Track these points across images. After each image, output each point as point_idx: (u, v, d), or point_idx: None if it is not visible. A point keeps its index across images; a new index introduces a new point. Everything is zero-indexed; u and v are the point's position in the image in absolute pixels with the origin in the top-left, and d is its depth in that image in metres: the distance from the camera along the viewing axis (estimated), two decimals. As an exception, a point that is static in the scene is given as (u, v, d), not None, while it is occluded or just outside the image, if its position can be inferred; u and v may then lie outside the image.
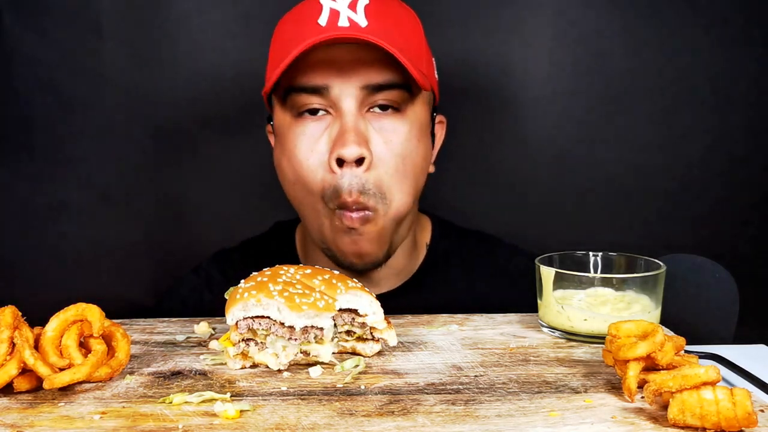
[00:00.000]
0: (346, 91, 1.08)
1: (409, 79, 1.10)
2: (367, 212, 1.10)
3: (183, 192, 1.73)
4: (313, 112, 1.11)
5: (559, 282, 0.97)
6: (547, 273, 0.97)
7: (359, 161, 1.08)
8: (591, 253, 1.05)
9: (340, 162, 1.08)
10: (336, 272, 0.93)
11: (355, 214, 1.09)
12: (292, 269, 0.92)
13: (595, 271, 1.04)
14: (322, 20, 1.07)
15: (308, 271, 0.92)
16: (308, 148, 1.11)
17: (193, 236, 1.59)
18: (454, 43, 1.66)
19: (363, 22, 1.06)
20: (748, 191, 1.73)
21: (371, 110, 1.11)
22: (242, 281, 0.90)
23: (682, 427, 0.68)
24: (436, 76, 1.23)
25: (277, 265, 0.94)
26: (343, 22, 1.06)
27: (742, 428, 0.67)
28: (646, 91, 1.70)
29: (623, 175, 1.73)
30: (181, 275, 1.39)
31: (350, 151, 1.06)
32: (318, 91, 1.09)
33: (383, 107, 1.11)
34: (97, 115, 1.68)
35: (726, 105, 1.70)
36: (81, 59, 1.66)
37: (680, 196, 1.73)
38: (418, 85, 1.09)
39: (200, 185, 1.73)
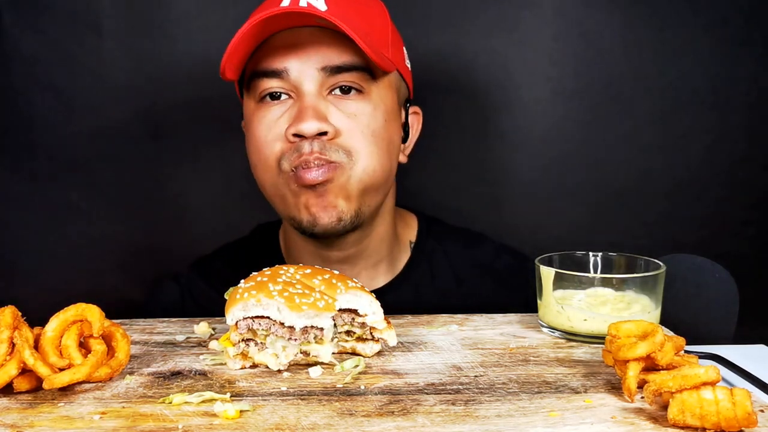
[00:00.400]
0: (306, 73, 1.09)
1: (370, 61, 1.10)
2: (330, 165, 1.09)
3: (183, 192, 1.73)
4: (275, 96, 1.12)
5: (559, 282, 0.97)
6: (547, 273, 0.97)
7: (320, 135, 1.08)
8: (591, 253, 1.05)
9: (299, 138, 1.08)
10: (336, 272, 0.93)
11: (316, 170, 1.08)
12: (291, 269, 0.92)
13: (595, 271, 1.04)
14: (284, 3, 1.07)
15: (308, 270, 0.92)
16: (267, 126, 1.12)
17: (193, 236, 1.59)
18: (454, 42, 1.66)
19: (322, 6, 1.07)
20: (748, 191, 1.73)
21: (333, 92, 1.11)
22: (242, 281, 0.90)
23: (682, 427, 0.68)
24: (408, 66, 1.23)
25: (276, 265, 0.94)
26: (302, 4, 1.06)
27: (742, 428, 0.67)
28: (646, 91, 1.70)
29: (623, 175, 1.73)
30: (160, 280, 1.37)
31: (308, 126, 1.07)
32: (278, 74, 1.10)
33: (345, 90, 1.11)
34: (97, 115, 1.68)
35: (726, 105, 1.70)
36: (81, 59, 1.66)
37: (680, 197, 1.73)
38: (379, 67, 1.09)
39: (200, 185, 1.73)
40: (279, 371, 0.86)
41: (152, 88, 1.68)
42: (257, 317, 0.85)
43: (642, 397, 0.75)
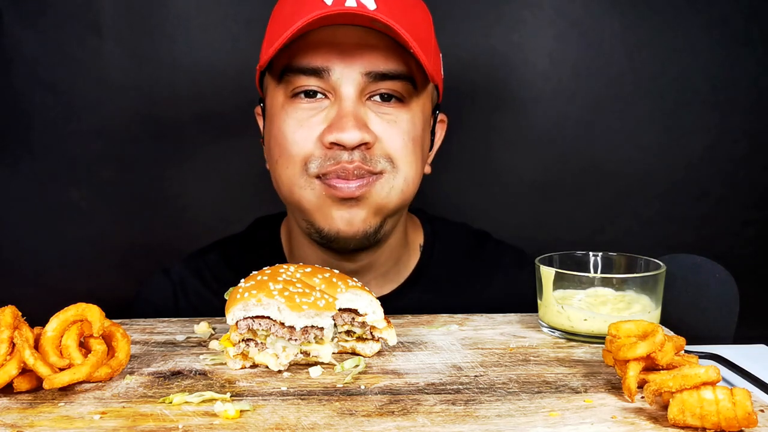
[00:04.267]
0: (348, 76, 1.03)
1: (415, 71, 1.05)
2: (370, 177, 1.04)
3: (183, 191, 1.73)
4: (310, 94, 1.06)
5: (559, 282, 0.97)
6: (547, 273, 0.97)
7: (359, 146, 1.03)
8: (591, 253, 1.05)
9: (337, 146, 1.03)
10: (336, 271, 0.93)
11: (353, 183, 1.03)
12: (292, 268, 0.91)
13: (595, 271, 1.04)
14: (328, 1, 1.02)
15: (308, 269, 0.92)
16: (298, 124, 1.05)
17: (193, 236, 1.59)
18: (454, 42, 1.66)
19: (371, 4, 1.01)
20: (748, 191, 1.73)
21: (372, 98, 1.06)
22: (242, 280, 0.90)
23: (682, 427, 0.68)
24: (443, 73, 1.18)
25: (276, 264, 0.94)
26: (350, 2, 1.01)
27: (742, 428, 0.67)
28: (646, 91, 1.70)
29: (623, 175, 1.73)
30: (149, 277, 1.32)
31: (350, 136, 1.01)
32: (318, 72, 1.04)
33: (385, 97, 1.06)
34: (97, 115, 1.69)
35: (726, 105, 1.70)
36: (81, 59, 1.66)
37: (680, 196, 1.74)
38: (425, 77, 1.04)
39: (200, 185, 1.73)
40: (279, 371, 0.86)
41: (152, 88, 1.68)
42: (257, 317, 0.85)
43: (642, 397, 0.75)
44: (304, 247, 1.20)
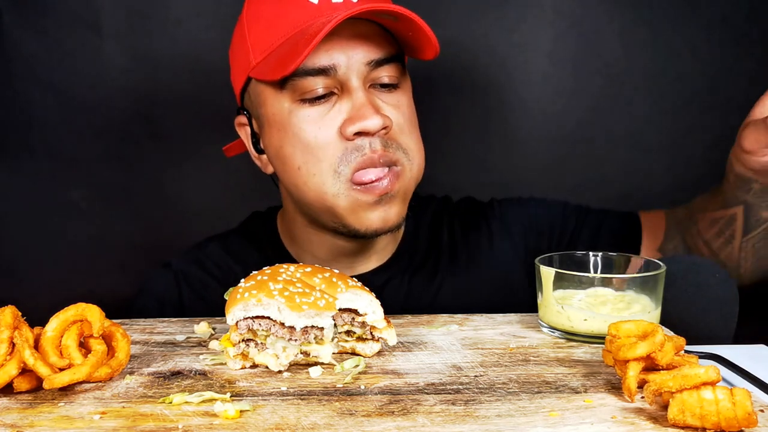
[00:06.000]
0: (353, 68, 1.05)
1: (401, 52, 1.08)
2: (395, 167, 1.07)
3: (183, 191, 1.73)
4: (319, 95, 1.06)
5: (559, 282, 0.97)
6: (547, 273, 0.97)
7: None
8: (591, 253, 1.05)
9: (360, 135, 1.05)
10: (336, 271, 0.93)
11: (385, 180, 1.05)
12: (292, 267, 0.92)
13: (595, 271, 1.04)
14: None
15: (308, 269, 0.92)
16: (316, 126, 1.06)
17: (193, 236, 1.59)
18: (454, 41, 1.66)
19: None
20: (748, 191, 1.73)
21: (372, 87, 1.09)
22: (242, 280, 0.90)
23: (682, 427, 0.68)
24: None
25: (276, 264, 0.94)
26: None
27: (742, 428, 0.67)
28: (646, 91, 1.70)
29: (623, 175, 1.73)
30: (150, 272, 1.33)
31: (373, 122, 1.03)
32: (325, 71, 1.04)
33: (383, 85, 1.09)
34: (97, 115, 1.69)
35: (726, 105, 1.70)
36: (81, 59, 1.66)
37: (680, 196, 1.73)
38: (433, 52, 1.06)
39: (200, 185, 1.73)
40: (279, 371, 0.86)
41: (152, 88, 1.68)
42: (257, 317, 0.85)
43: (642, 397, 0.75)
44: (310, 235, 1.22)
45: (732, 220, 1.12)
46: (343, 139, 1.05)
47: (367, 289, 0.91)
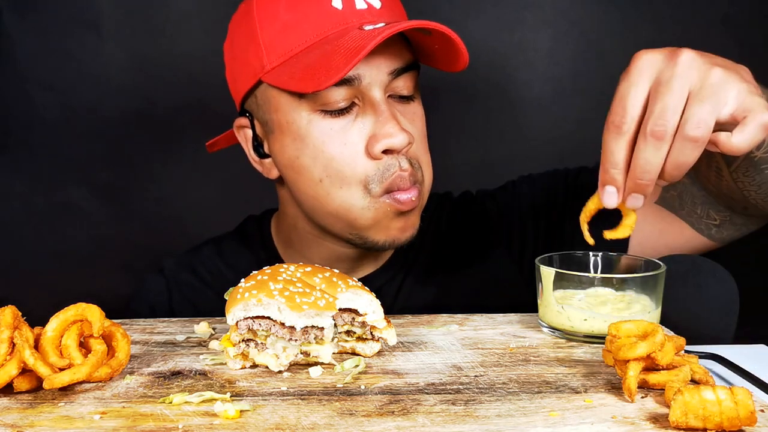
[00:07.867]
0: (375, 78, 1.02)
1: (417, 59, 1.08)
2: (418, 185, 1.07)
3: (182, 191, 1.73)
4: (342, 107, 1.03)
5: (559, 282, 0.97)
6: (547, 273, 0.97)
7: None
8: (591, 253, 1.05)
9: (387, 152, 1.04)
10: (336, 271, 0.93)
11: (410, 193, 1.05)
12: (292, 267, 0.91)
13: (595, 271, 1.04)
14: (337, 2, 1.01)
15: (308, 269, 0.92)
16: (340, 141, 1.04)
17: (193, 236, 1.59)
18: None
19: (377, 2, 1.01)
20: (748, 191, 1.73)
21: (390, 98, 1.07)
22: (242, 280, 0.90)
23: (684, 429, 0.68)
24: None
25: (276, 264, 0.94)
26: (360, 5, 1.01)
27: (743, 428, 0.67)
28: (646, 91, 1.70)
29: (623, 175, 1.73)
30: (145, 276, 1.34)
31: (400, 140, 1.01)
32: (349, 81, 1.01)
33: (401, 98, 1.08)
34: (96, 115, 1.69)
35: (726, 105, 1.70)
36: (81, 59, 1.66)
37: (680, 196, 1.73)
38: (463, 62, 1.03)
39: (200, 185, 1.73)
40: (279, 372, 0.86)
41: (152, 88, 1.68)
42: (258, 317, 0.85)
43: (642, 397, 0.75)
44: (310, 240, 1.21)
45: (710, 153, 1.08)
46: (370, 157, 1.04)
47: (367, 288, 0.91)
